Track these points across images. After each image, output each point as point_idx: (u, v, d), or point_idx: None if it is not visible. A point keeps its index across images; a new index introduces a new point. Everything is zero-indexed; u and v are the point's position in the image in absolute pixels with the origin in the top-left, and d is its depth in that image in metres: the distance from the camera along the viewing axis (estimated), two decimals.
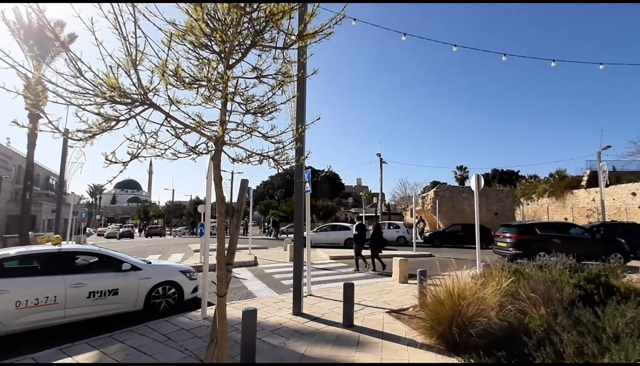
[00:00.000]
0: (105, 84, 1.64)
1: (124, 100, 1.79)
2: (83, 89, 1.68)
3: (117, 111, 1.80)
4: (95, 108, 1.75)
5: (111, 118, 1.74)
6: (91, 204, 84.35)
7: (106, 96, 1.68)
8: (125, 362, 4.22)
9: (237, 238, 2.34)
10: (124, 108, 1.83)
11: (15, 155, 35.21)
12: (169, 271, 7.07)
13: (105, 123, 1.73)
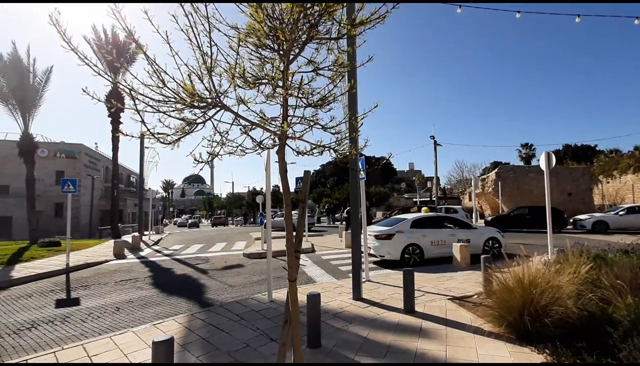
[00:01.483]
0: (185, 91, 1.80)
1: (199, 104, 1.94)
2: (166, 97, 1.86)
3: (195, 114, 1.96)
4: (176, 114, 1.93)
5: (192, 122, 1.91)
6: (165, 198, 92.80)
7: (186, 102, 1.84)
8: (206, 338, 4.66)
9: (303, 226, 2.44)
10: (199, 111, 1.99)
11: (103, 157, 40.02)
12: (490, 231, 11.35)
13: (188, 126, 1.91)
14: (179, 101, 1.86)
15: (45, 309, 6.70)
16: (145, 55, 1.72)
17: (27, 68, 16.04)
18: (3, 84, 15.35)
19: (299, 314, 2.32)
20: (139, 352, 4.24)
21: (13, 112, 15.98)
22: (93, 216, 33.91)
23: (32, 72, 16.29)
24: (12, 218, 30.43)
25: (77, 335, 5.23)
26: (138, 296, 7.46)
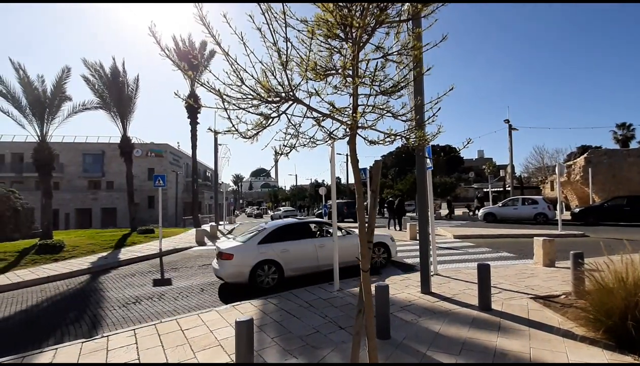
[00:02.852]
0: (262, 87, 1.87)
1: (274, 99, 2.00)
2: (244, 94, 1.95)
3: (270, 109, 2.03)
4: (253, 109, 2.02)
5: (268, 116, 1.98)
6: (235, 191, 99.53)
7: (263, 98, 1.91)
8: (279, 321, 4.90)
9: (375, 217, 2.39)
10: (273, 106, 2.04)
11: (184, 155, 44.37)
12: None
13: (265, 121, 1.98)
14: (256, 97, 1.93)
15: (145, 287, 7.70)
16: (226, 56, 1.82)
17: (123, 79, 18.41)
18: (107, 95, 17.84)
19: (372, 304, 2.29)
20: (222, 329, 4.63)
21: (115, 119, 18.54)
22: (177, 207, 37.91)
23: (126, 82, 18.65)
24: (117, 209, 35.44)
25: (171, 310, 5.90)
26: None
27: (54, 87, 13.49)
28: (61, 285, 8.24)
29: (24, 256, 10.76)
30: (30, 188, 32.49)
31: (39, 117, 13.42)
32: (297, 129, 2.11)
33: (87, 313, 6.01)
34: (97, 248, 12.77)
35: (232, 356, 3.79)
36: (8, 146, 36.17)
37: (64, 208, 33.68)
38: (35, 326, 5.59)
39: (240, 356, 3.04)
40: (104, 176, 38.38)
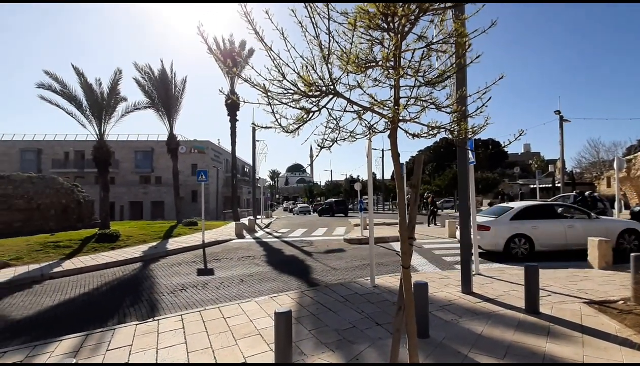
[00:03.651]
0: (303, 81, 1.86)
1: (314, 93, 1.98)
2: (285, 89, 1.95)
3: (311, 103, 2.02)
4: (293, 104, 2.02)
5: (309, 111, 1.97)
6: (271, 185, 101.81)
7: (304, 92, 1.91)
8: (316, 314, 4.94)
9: (416, 213, 2.31)
10: (314, 100, 2.03)
11: (224, 151, 46.12)
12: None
13: (306, 115, 1.98)
14: (297, 91, 1.93)
15: (190, 276, 8.12)
16: (268, 51, 1.83)
17: (170, 81, 19.48)
18: (155, 95, 18.98)
19: (413, 301, 2.23)
20: (261, 319, 4.76)
21: (162, 118, 19.71)
22: (218, 201, 39.56)
23: (174, 83, 19.71)
24: (164, 202, 37.72)
25: (213, 298, 6.18)
26: (256, 271, 8.39)
27: (109, 89, 14.58)
28: (117, 271, 8.93)
29: (85, 244, 11.80)
30: (91, 182, 35.47)
31: (97, 117, 14.59)
32: (338, 122, 2.09)
33: (140, 298, 6.46)
34: (148, 238, 13.69)
35: (271, 345, 3.88)
36: (72, 145, 39.76)
37: (119, 200, 36.42)
38: (96, 308, 6.11)
39: (279, 346, 3.11)
40: (153, 172, 40.97)
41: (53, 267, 9.04)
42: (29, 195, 16.08)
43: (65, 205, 17.28)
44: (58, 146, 40.06)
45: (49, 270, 8.73)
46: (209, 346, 3.95)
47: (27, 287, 7.59)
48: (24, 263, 9.53)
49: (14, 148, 39.43)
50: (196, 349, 3.89)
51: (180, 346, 3.96)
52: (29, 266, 9.17)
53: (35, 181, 16.79)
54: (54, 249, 10.83)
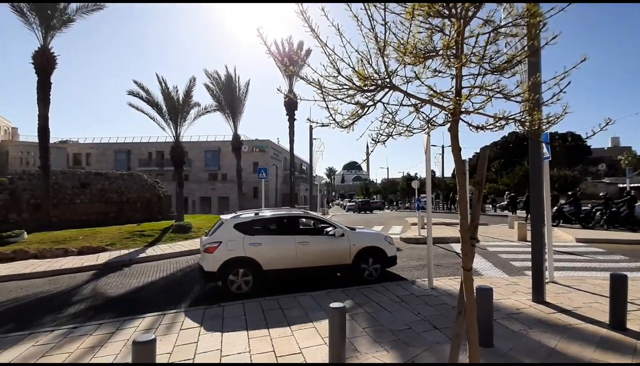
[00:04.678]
0: (359, 76, 1.82)
1: (369, 88, 1.93)
2: (340, 85, 1.93)
3: (366, 98, 1.97)
4: (348, 99, 1.99)
5: (365, 105, 1.93)
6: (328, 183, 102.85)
7: (359, 87, 1.87)
8: (370, 313, 4.87)
9: (479, 212, 2.13)
10: (369, 94, 1.98)
11: (283, 150, 47.84)
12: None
13: (361, 110, 1.94)
14: (352, 86, 1.90)
15: None
16: (324, 47, 1.83)
17: (235, 84, 20.78)
18: (222, 98, 20.42)
19: (475, 306, 2.06)
20: (316, 312, 4.83)
21: (228, 119, 21.13)
22: (277, 197, 41.20)
23: (238, 86, 21.00)
24: (229, 198, 40.42)
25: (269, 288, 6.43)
26: None
27: (184, 95, 16.04)
28: (189, 259, 9.80)
29: (164, 234, 13.15)
30: (169, 179, 39.43)
31: (174, 121, 16.15)
32: (394, 116, 2.00)
33: (208, 285, 6.99)
34: None
35: (325, 339, 3.91)
36: (154, 146, 44.65)
37: (191, 196, 39.94)
38: (171, 290, 6.78)
39: (333, 340, 3.12)
40: (220, 170, 44.14)
41: (139, 253, 10.24)
42: (120, 190, 18.43)
43: (149, 199, 19.45)
44: (143, 147, 45.32)
45: (135, 256, 9.91)
46: (268, 335, 4.12)
47: (119, 269, 8.70)
48: (116, 248, 10.95)
49: (110, 150, 45.63)
50: (256, 336, 4.08)
51: (242, 332, 4.20)
52: (120, 251, 10.52)
53: (126, 178, 19.17)
54: (140, 238, 12.26)
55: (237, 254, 6.11)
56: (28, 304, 6.17)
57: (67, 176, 17.48)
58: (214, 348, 3.79)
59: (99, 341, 4.05)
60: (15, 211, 15.20)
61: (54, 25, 14.48)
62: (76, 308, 5.82)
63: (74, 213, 16.55)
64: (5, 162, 42.40)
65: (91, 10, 15.05)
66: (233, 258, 6.08)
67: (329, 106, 1.89)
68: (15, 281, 7.81)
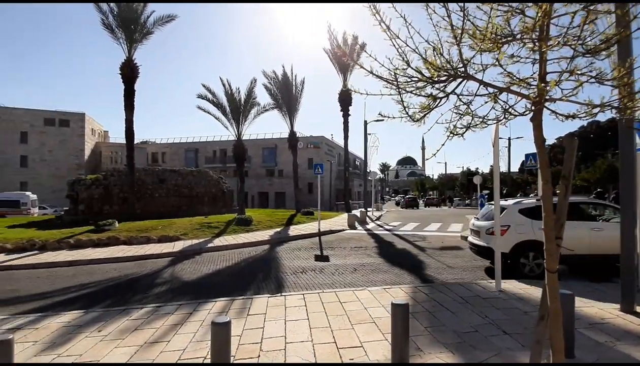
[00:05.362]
0: (431, 66, 1.75)
1: (439, 78, 1.85)
2: (409, 77, 1.88)
3: (438, 89, 1.89)
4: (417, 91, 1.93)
5: (436, 97, 1.86)
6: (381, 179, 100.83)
7: (430, 78, 1.80)
8: (431, 312, 4.69)
9: (566, 208, 1.92)
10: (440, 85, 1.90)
11: (336, 146, 48.02)
12: None
13: (433, 102, 1.87)
14: (422, 78, 1.83)
15: (308, 260, 8.81)
16: (394, 40, 1.79)
17: (291, 83, 21.40)
18: (279, 97, 21.18)
19: (561, 311, 1.87)
20: (375, 309, 4.80)
21: (284, 117, 21.89)
22: (331, 193, 41.55)
23: (294, 85, 21.59)
24: (285, 193, 41.86)
25: (329, 283, 6.54)
26: (368, 262, 8.49)
27: (245, 95, 16.97)
28: (251, 251, 10.39)
29: (228, 226, 14.10)
30: (230, 175, 42.08)
31: (236, 120, 17.20)
32: (469, 107, 1.89)
33: (269, 275, 7.36)
34: (274, 224, 15.44)
35: (386, 335, 3.87)
36: (217, 144, 47.97)
37: (251, 191, 42.16)
38: (237, 278, 7.26)
39: (396, 337, 3.07)
40: (277, 166, 45.84)
41: (207, 243, 11.14)
42: (190, 185, 20.15)
43: (214, 194, 20.99)
44: (209, 145, 48.94)
45: (204, 245, 10.79)
46: (328, 326, 4.20)
47: (191, 257, 9.56)
48: (189, 238, 12.04)
49: (181, 149, 50.11)
50: (317, 326, 4.19)
51: (303, 322, 4.35)
52: (192, 241, 11.53)
53: (195, 174, 20.91)
54: (208, 229, 13.31)
55: (527, 237, 6.56)
56: (121, 283, 7.08)
57: (148, 172, 19.60)
58: (279, 334, 3.98)
59: (179, 320, 4.50)
60: (108, 203, 17.49)
61: (136, 39, 16.27)
62: (159, 289, 6.54)
63: (153, 206, 18.51)
64: (99, 161, 48.99)
65: (165, 22, 16.60)
66: (524, 241, 6.59)
67: (403, 99, 1.85)
68: (110, 263, 9.02)
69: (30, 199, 26.74)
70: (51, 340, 3.97)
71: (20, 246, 10.57)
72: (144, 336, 4.02)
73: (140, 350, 3.66)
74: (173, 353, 3.57)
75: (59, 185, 37.85)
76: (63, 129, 44.82)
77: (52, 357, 3.56)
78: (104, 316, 4.73)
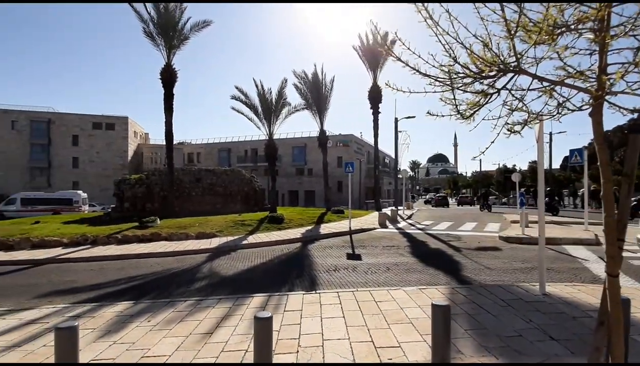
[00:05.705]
0: (482, 61, 1.70)
1: (488, 74, 1.78)
2: (456, 73, 1.83)
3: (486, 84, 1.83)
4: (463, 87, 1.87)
5: (487, 93, 1.80)
6: (411, 177, 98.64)
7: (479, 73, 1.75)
8: (471, 314, 4.54)
9: (628, 209, 1.79)
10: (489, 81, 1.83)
11: (365, 144, 47.61)
12: None
13: (483, 98, 1.81)
14: (470, 74, 1.78)
15: (340, 259, 8.82)
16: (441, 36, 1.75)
17: (321, 82, 21.48)
18: (309, 97, 21.35)
19: (622, 318, 1.75)
20: (411, 309, 4.72)
21: (314, 116, 22.04)
22: (360, 191, 41.27)
23: (324, 84, 21.65)
24: (315, 192, 42.15)
25: (363, 282, 6.52)
26: (401, 261, 8.36)
27: (277, 96, 17.27)
28: (284, 248, 10.58)
29: (261, 224, 14.45)
30: (260, 174, 43.03)
31: (268, 120, 17.56)
32: (522, 102, 1.81)
33: (302, 272, 7.46)
34: (304, 222, 15.60)
35: (424, 336, 3.80)
36: (249, 144, 49.28)
37: (281, 189, 42.80)
38: (272, 275, 7.43)
39: (437, 339, 3.01)
40: (306, 164, 46.29)
41: (242, 240, 11.49)
42: (225, 184, 20.87)
43: (247, 192, 21.59)
44: (240, 145, 50.39)
45: (239, 242, 11.14)
46: (364, 325, 4.20)
47: (227, 253, 9.91)
48: (224, 235, 12.48)
49: (214, 149, 52.02)
50: (353, 325, 4.20)
51: (339, 320, 4.37)
52: (227, 238, 11.95)
53: (229, 173, 21.62)
54: (241, 227, 13.72)
55: None
56: (164, 277, 7.50)
57: (185, 172, 20.55)
58: (316, 331, 4.04)
59: (221, 313, 4.69)
60: (150, 201, 18.54)
61: (174, 45, 17.07)
62: (199, 283, 6.85)
63: (190, 204, 19.39)
64: (140, 161, 51.97)
65: (201, 28, 17.27)
66: None
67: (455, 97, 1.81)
68: (154, 258, 9.57)
69: (81, 198, 29.06)
70: (107, 328, 4.30)
71: (75, 240, 11.49)
72: (189, 327, 4.23)
73: (186, 341, 3.86)
74: (217, 345, 3.73)
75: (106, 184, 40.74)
76: (109, 132, 48.07)
77: (108, 343, 3.85)
78: (152, 307, 5.04)
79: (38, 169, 45.28)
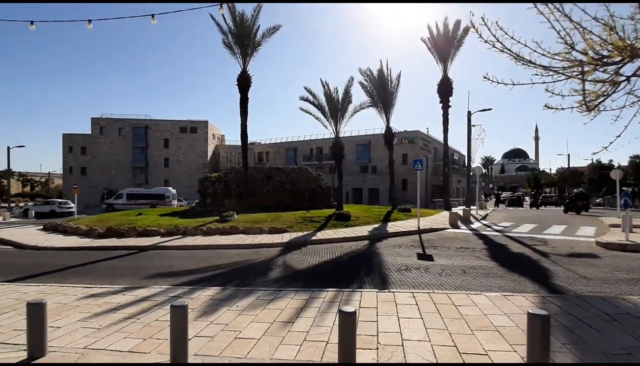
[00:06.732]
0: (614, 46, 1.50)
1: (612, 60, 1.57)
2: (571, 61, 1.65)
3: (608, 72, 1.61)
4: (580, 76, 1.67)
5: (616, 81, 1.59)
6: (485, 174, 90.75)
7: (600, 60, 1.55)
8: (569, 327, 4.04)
9: None
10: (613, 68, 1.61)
11: (433, 140, 45.23)
12: None
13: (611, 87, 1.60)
14: (591, 61, 1.58)
15: (411, 258, 8.56)
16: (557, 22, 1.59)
17: (386, 78, 20.97)
18: (375, 94, 21.02)
19: None
20: (496, 316, 4.38)
21: (380, 113, 21.59)
22: (427, 189, 39.34)
23: (390, 80, 21.10)
24: (379, 189, 41.44)
25: (437, 284, 6.23)
26: (479, 265, 7.77)
27: (343, 94, 17.38)
28: (352, 245, 10.64)
29: (328, 221, 14.72)
30: (325, 172, 43.78)
31: (334, 119, 17.76)
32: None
33: (372, 270, 7.42)
34: (371, 220, 15.46)
35: (514, 346, 3.51)
36: (314, 143, 50.51)
37: (345, 187, 42.62)
38: (342, 271, 7.54)
39: (533, 351, 2.76)
40: (370, 162, 45.73)
41: (311, 236, 11.87)
42: (293, 182, 21.74)
43: (313, 190, 22.18)
44: (306, 144, 51.93)
45: (309, 238, 11.53)
46: (445, 328, 4.02)
47: (298, 248, 10.33)
48: (294, 230, 13.03)
49: (282, 148, 54.49)
50: (433, 327, 4.05)
51: (418, 320, 4.26)
52: (297, 233, 12.45)
53: (296, 172, 22.46)
54: (310, 223, 14.16)
55: None
56: (244, 267, 8.13)
57: (257, 170, 21.91)
58: (394, 330, 4.00)
59: (299, 304, 4.94)
60: (227, 197, 20.20)
61: (248, 53, 18.28)
62: (275, 274, 7.28)
63: (262, 200, 20.61)
64: (217, 161, 57.04)
65: (271, 34, 18.19)
66: None
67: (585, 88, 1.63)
68: (233, 249, 10.43)
69: (171, 193, 33.26)
70: (203, 310, 4.83)
71: (170, 231, 13.12)
72: (272, 315, 4.54)
73: (271, 327, 4.15)
74: (299, 334, 3.94)
75: (190, 182, 45.76)
76: (192, 135, 53.76)
77: (206, 323, 4.33)
78: (237, 294, 5.52)
79: (138, 168, 52.84)
